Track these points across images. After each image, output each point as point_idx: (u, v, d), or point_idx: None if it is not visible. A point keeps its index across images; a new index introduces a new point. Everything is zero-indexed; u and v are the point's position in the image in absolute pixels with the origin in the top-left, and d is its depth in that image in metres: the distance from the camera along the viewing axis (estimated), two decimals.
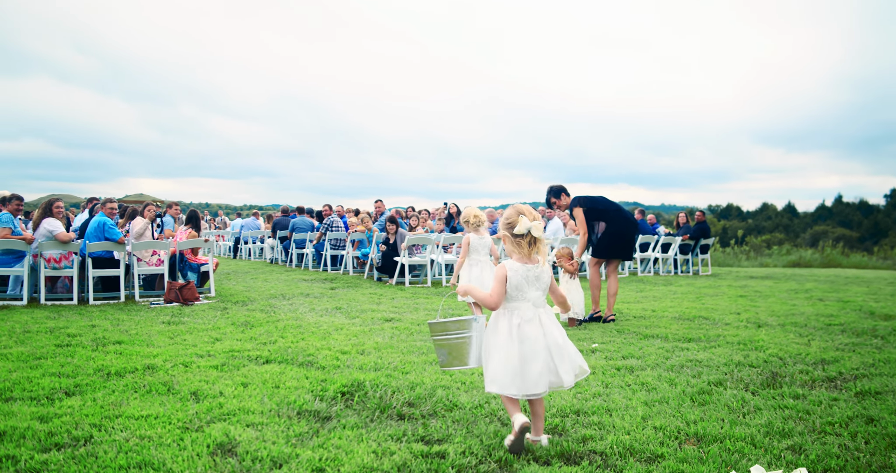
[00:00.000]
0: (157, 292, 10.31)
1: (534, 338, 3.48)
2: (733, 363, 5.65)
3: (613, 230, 8.29)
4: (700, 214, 16.24)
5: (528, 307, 3.55)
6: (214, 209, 55.46)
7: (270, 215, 21.40)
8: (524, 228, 3.53)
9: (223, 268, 16.56)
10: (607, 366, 5.57)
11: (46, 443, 3.57)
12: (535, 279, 3.57)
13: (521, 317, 3.53)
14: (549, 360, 3.49)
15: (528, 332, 3.49)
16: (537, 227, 3.55)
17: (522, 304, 3.55)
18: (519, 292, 3.55)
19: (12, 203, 9.50)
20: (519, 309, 3.55)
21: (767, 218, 47.64)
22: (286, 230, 17.90)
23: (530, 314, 3.54)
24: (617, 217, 8.33)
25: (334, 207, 17.98)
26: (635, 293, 11.29)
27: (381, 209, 16.66)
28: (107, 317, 8.11)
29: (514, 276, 3.54)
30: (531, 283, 3.56)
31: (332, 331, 7.25)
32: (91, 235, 9.63)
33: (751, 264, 21.02)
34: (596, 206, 8.32)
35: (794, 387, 4.85)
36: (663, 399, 4.54)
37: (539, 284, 3.59)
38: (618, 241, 8.31)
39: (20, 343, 6.30)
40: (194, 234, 10.87)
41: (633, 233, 8.51)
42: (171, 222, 12.26)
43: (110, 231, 9.60)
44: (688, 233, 15.89)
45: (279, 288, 11.66)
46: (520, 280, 3.54)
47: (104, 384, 4.83)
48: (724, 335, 6.97)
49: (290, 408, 4.25)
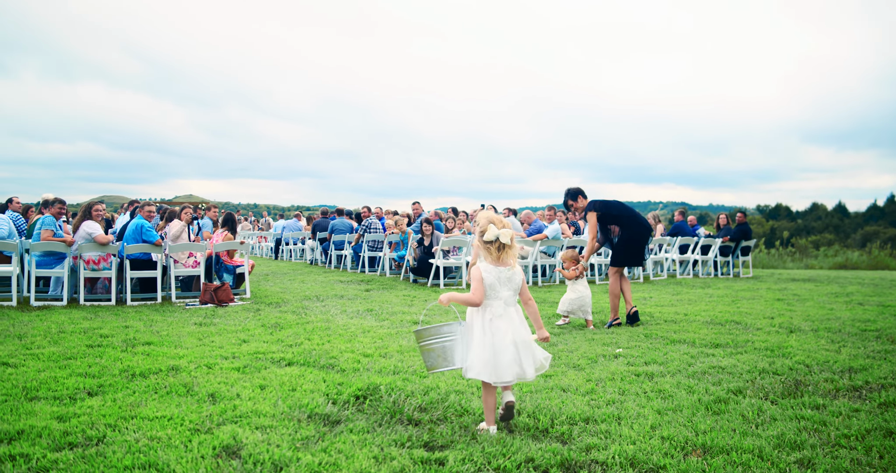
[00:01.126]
0: (194, 293, 10.51)
1: (503, 332, 3.94)
2: (757, 371, 5.54)
3: (628, 236, 8.28)
4: (741, 215, 15.90)
5: (500, 304, 4.00)
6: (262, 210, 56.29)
7: (311, 216, 21.64)
8: (493, 235, 4.02)
9: (263, 269, 16.80)
10: (627, 372, 5.51)
11: (61, 442, 3.68)
12: (507, 280, 4.02)
13: (492, 313, 3.99)
14: (515, 353, 3.93)
15: (499, 326, 3.96)
16: (505, 234, 4.01)
17: (495, 302, 4.01)
18: (493, 291, 4.00)
19: (55, 206, 9.79)
20: (491, 306, 4.00)
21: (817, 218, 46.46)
22: (326, 232, 18.07)
23: (500, 310, 3.99)
24: (631, 223, 8.31)
25: (373, 209, 18.12)
26: (670, 296, 11.13)
27: (418, 211, 16.72)
28: (141, 318, 8.31)
29: (488, 276, 4.00)
30: (503, 283, 4.01)
31: (358, 334, 7.31)
32: (129, 237, 9.87)
33: (796, 265, 20.52)
34: (610, 211, 8.31)
35: (816, 397, 4.73)
36: (678, 408, 4.47)
37: (511, 284, 4.04)
38: (633, 247, 8.31)
39: (53, 343, 6.50)
40: (230, 236, 11.05)
41: (646, 239, 8.49)
42: (210, 224, 12.48)
43: (147, 234, 9.83)
44: (728, 235, 15.59)
45: (314, 290, 11.79)
46: (493, 281, 4.00)
47: (127, 385, 4.95)
48: (753, 341, 6.83)
49: (301, 411, 4.31)
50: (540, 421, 4.15)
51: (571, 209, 8.74)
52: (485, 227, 4.07)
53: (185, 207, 10.98)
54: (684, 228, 15.85)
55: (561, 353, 6.33)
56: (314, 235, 18.95)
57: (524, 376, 3.96)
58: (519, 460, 3.48)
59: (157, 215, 11.96)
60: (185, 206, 11.10)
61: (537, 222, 14.48)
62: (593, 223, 8.28)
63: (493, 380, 3.92)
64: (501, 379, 3.91)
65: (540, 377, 5.34)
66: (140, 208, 10.37)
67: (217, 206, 13.44)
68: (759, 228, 38.11)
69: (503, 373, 3.90)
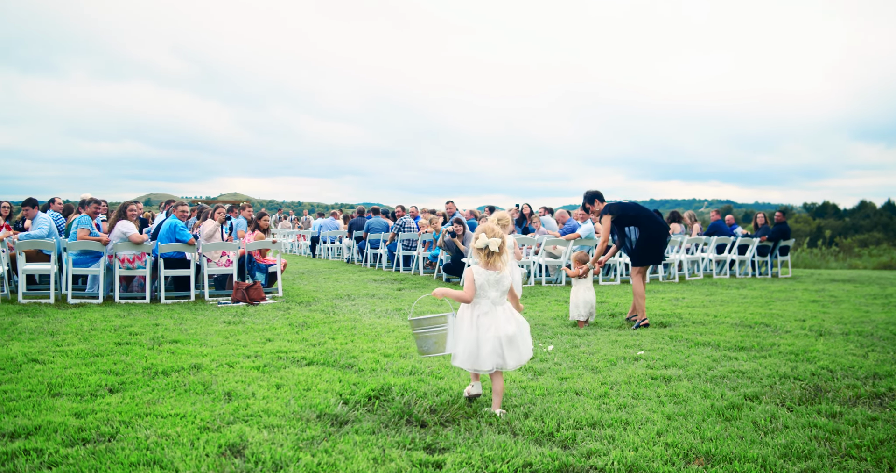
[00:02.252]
0: (227, 291, 10.69)
1: (487, 327, 4.45)
2: (778, 376, 5.44)
3: (647, 236, 8.37)
4: (779, 214, 15.58)
5: (487, 303, 4.51)
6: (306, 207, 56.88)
7: (348, 215, 21.80)
8: (482, 243, 4.52)
9: (299, 268, 17.01)
10: (644, 375, 5.46)
11: (75, 438, 3.80)
12: (495, 283, 4.52)
13: (480, 310, 4.50)
14: (497, 346, 4.41)
15: (484, 322, 4.46)
16: (493, 243, 4.51)
17: (483, 300, 4.52)
18: (482, 291, 4.51)
19: (90, 206, 10.06)
20: (480, 304, 4.52)
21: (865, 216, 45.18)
22: (361, 231, 18.21)
23: (487, 308, 4.50)
24: (649, 223, 8.40)
25: (408, 208, 18.20)
26: (703, 297, 10.98)
27: (451, 210, 16.73)
28: (172, 316, 8.49)
29: (479, 278, 4.50)
30: (492, 285, 4.51)
31: (383, 333, 7.37)
32: (163, 236, 10.09)
33: (839, 265, 20.00)
34: (627, 212, 8.41)
35: (834, 404, 4.63)
36: (689, 413, 4.42)
37: (499, 286, 4.53)
38: (652, 246, 8.39)
39: (83, 341, 6.68)
40: (262, 235, 11.22)
41: (664, 238, 8.56)
42: (245, 223, 12.66)
43: (181, 233, 10.03)
44: (766, 234, 15.29)
45: (347, 289, 11.90)
46: (483, 282, 4.50)
47: (147, 383, 5.08)
48: (779, 345, 6.70)
49: (311, 411, 4.37)
50: (546, 425, 4.14)
51: (590, 212, 8.94)
52: (478, 235, 4.57)
53: (218, 206, 11.18)
54: (722, 227, 15.59)
55: (581, 355, 6.30)
56: (350, 233, 19.11)
57: (504, 366, 4.45)
58: (517, 464, 3.48)
59: (195, 214, 12.18)
60: (218, 205, 11.30)
61: (571, 221, 14.40)
62: (606, 227, 8.43)
63: (471, 369, 4.49)
64: (481, 368, 4.44)
65: (554, 379, 5.34)
66: (174, 208, 10.58)
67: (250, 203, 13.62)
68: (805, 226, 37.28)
69: (483, 363, 4.42)
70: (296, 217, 30.26)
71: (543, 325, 8.05)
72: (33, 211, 10.61)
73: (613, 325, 8.13)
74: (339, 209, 25.97)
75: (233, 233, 12.01)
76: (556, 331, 7.62)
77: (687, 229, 15.71)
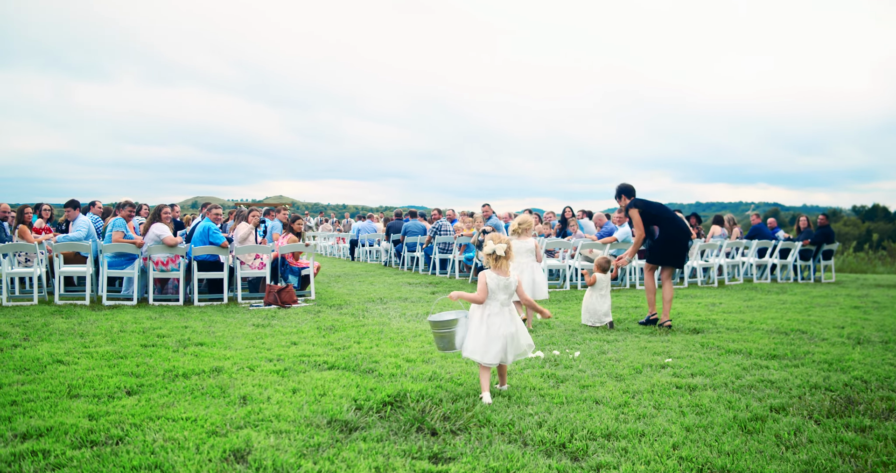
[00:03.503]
0: (260, 294, 10.77)
1: (497, 326, 4.96)
2: (808, 386, 5.24)
3: (665, 237, 8.43)
4: (823, 217, 15.13)
5: (497, 305, 5.03)
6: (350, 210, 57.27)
7: (388, 218, 21.84)
8: (490, 249, 5.05)
9: (336, 270, 17.09)
10: (669, 384, 5.30)
11: (84, 440, 3.82)
12: (504, 287, 5.04)
13: (490, 311, 5.02)
14: (504, 344, 4.93)
15: (494, 321, 4.98)
16: (500, 248, 5.03)
17: (493, 302, 5.03)
18: (493, 294, 5.02)
19: (125, 209, 10.22)
20: (490, 306, 5.03)
21: None
22: (399, 234, 18.23)
23: (497, 309, 5.01)
24: (670, 225, 8.44)
25: (445, 211, 18.15)
26: (741, 302, 10.70)
27: (487, 213, 16.61)
28: (203, 318, 8.56)
29: (491, 282, 5.01)
30: (502, 289, 5.03)
31: (409, 337, 7.32)
32: (196, 239, 10.20)
33: (886, 270, 19.34)
34: (650, 210, 8.50)
35: (864, 417, 4.43)
36: (709, 425, 4.27)
37: (507, 290, 5.06)
38: (669, 248, 8.44)
39: (111, 342, 6.77)
40: (295, 239, 11.27)
41: (684, 241, 8.54)
42: (280, 226, 12.74)
43: (214, 236, 10.13)
44: (808, 237, 14.86)
45: (380, 292, 11.89)
46: (494, 286, 5.01)
47: (166, 385, 5.10)
48: (814, 353, 6.47)
49: (322, 417, 4.33)
50: (559, 435, 4.04)
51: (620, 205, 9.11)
52: (486, 242, 5.13)
53: (252, 209, 11.27)
54: (763, 230, 15.21)
55: (607, 361, 6.16)
56: (388, 236, 19.14)
57: (505, 360, 5.01)
58: None
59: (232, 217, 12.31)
60: (252, 208, 11.39)
61: (609, 224, 14.21)
62: (638, 219, 8.46)
63: (480, 361, 4.94)
64: (487, 361, 4.92)
65: (575, 387, 5.22)
66: (208, 211, 10.69)
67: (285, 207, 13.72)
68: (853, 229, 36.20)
69: (489, 358, 4.91)
70: (337, 220, 30.45)
71: (573, 330, 7.91)
72: (74, 213, 10.83)
73: (645, 331, 7.95)
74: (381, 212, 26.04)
75: (266, 236, 12.10)
76: (586, 337, 7.48)
77: (727, 233, 15.37)
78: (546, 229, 14.65)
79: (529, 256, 8.27)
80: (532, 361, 6.19)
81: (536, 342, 7.19)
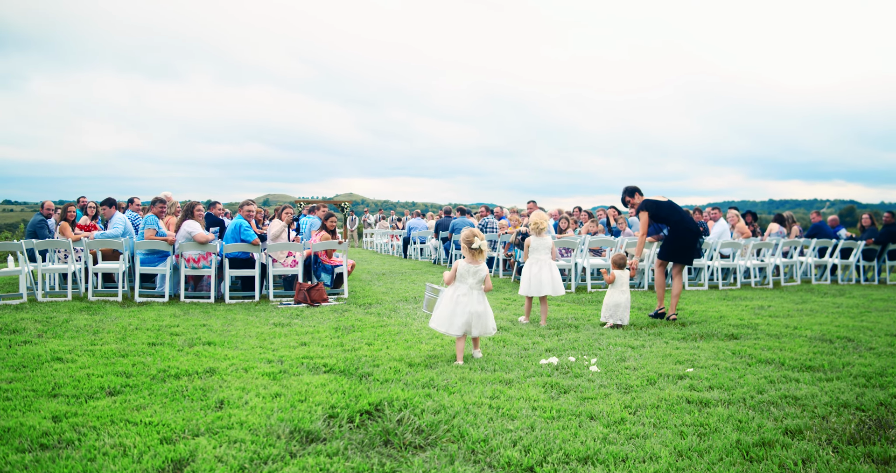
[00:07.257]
0: (293, 292, 10.70)
1: (463, 305, 6.09)
2: (836, 404, 4.74)
3: (673, 236, 8.88)
4: (888, 215, 14.13)
5: (465, 287, 6.17)
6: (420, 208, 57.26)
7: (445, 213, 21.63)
8: (476, 245, 6.16)
9: (384, 268, 16.99)
10: (680, 398, 4.88)
11: (33, 443, 3.72)
12: (473, 273, 6.17)
13: (459, 292, 6.15)
14: (468, 319, 6.08)
15: (461, 300, 6.11)
16: (475, 243, 6.17)
17: (462, 285, 6.18)
18: (461, 278, 6.19)
19: (157, 206, 10.29)
20: (460, 287, 6.17)
21: None
22: (447, 231, 18.02)
23: (465, 291, 6.15)
24: (678, 226, 8.86)
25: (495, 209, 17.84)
26: (792, 305, 10.06)
27: (533, 210, 16.26)
28: (226, 317, 8.52)
29: (461, 268, 6.18)
30: (470, 274, 6.17)
31: (425, 340, 7.08)
32: (229, 236, 10.20)
33: None
34: (659, 212, 8.95)
35: (893, 445, 3.94)
36: (707, 450, 3.85)
37: (476, 276, 6.18)
38: (677, 246, 8.86)
39: (119, 340, 6.76)
40: (328, 236, 11.17)
41: (692, 240, 8.90)
42: (319, 222, 12.69)
43: (245, 233, 10.11)
44: (872, 236, 13.94)
45: (417, 290, 11.68)
46: (463, 272, 6.18)
47: (151, 387, 5.01)
48: (854, 364, 5.94)
49: (286, 426, 4.12)
50: (529, 456, 3.71)
51: (628, 206, 9.58)
52: (471, 238, 6.19)
53: (285, 207, 11.22)
54: (823, 228, 14.35)
55: (623, 370, 5.79)
56: (437, 234, 18.95)
57: (470, 332, 6.12)
58: None
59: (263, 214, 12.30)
60: (285, 206, 11.35)
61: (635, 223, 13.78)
62: (644, 221, 8.91)
63: (446, 332, 6.09)
64: (452, 332, 6.07)
65: (576, 399, 4.88)
66: (240, 208, 10.68)
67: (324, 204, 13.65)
68: None
69: (454, 330, 6.05)
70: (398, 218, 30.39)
71: (601, 334, 7.53)
72: (111, 211, 11.00)
73: (676, 336, 7.49)
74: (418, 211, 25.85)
75: (300, 233, 12.04)
76: (610, 341, 7.11)
77: (786, 231, 14.59)
78: (594, 226, 14.18)
79: (547, 252, 8.49)
80: (543, 368, 5.87)
81: (559, 345, 6.88)
